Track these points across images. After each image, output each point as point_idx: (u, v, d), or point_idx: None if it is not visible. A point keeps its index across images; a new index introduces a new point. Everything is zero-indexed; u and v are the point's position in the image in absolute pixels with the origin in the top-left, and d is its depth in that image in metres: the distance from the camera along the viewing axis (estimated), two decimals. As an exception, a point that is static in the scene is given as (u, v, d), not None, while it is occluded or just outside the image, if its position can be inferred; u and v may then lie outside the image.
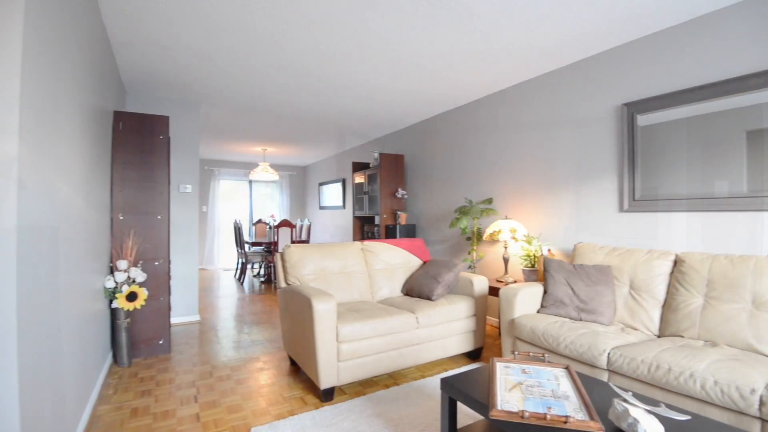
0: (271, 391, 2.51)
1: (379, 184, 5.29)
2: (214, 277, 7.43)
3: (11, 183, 1.18)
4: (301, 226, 7.24)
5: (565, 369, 1.69)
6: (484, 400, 1.48)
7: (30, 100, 1.29)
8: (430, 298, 2.96)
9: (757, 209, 2.22)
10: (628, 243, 2.83)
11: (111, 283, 2.74)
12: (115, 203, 3.03)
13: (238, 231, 6.85)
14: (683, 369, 1.72)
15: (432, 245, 4.95)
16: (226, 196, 9.06)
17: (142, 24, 2.60)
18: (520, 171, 3.73)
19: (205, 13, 2.46)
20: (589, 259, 2.74)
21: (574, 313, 2.50)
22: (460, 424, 2.03)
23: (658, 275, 2.39)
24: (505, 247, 3.54)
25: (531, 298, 2.69)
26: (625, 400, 1.31)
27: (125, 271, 2.84)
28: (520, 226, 3.40)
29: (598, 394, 1.54)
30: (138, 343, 3.09)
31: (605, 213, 3.00)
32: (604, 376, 2.04)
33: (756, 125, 2.21)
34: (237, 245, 7.02)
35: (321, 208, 8.92)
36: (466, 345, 2.98)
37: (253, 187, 9.45)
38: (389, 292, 3.27)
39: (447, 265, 3.10)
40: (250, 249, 7.14)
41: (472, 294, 3.03)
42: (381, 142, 6.30)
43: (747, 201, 2.25)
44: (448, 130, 4.71)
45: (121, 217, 3.05)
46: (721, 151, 2.35)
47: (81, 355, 2.03)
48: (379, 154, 5.29)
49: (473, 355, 3.07)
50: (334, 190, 8.24)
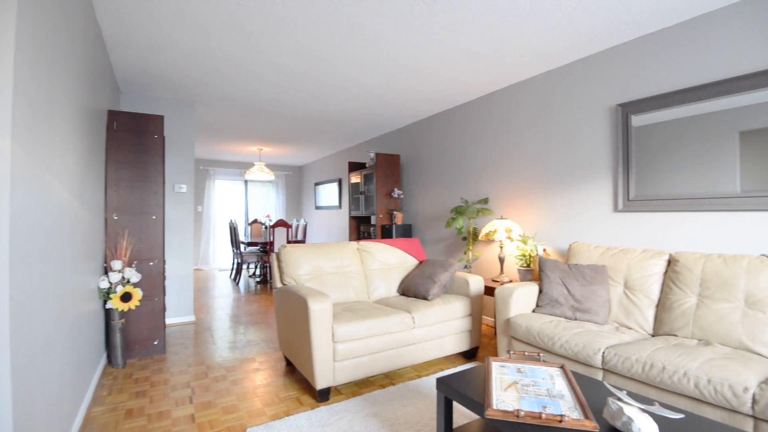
0: (267, 392, 2.50)
1: (375, 184, 5.29)
2: (209, 278, 7.40)
3: (4, 182, 1.17)
4: (297, 226, 7.22)
5: (560, 368, 1.70)
6: (479, 399, 1.48)
7: (23, 99, 1.28)
8: (426, 298, 2.96)
9: (750, 209, 2.24)
10: (623, 243, 2.85)
11: (105, 284, 2.72)
12: (110, 203, 3.01)
13: (234, 231, 6.83)
14: (677, 368, 1.74)
15: (428, 245, 4.96)
16: (222, 196, 9.02)
17: (137, 23, 2.58)
18: (515, 171, 3.74)
19: (200, 12, 2.45)
20: (584, 258, 2.76)
21: (569, 312, 2.52)
22: (456, 423, 2.04)
23: (652, 275, 2.41)
24: (501, 247, 3.55)
25: (526, 298, 2.70)
26: (619, 399, 1.32)
27: (120, 271, 2.82)
28: (515, 225, 3.42)
29: (592, 393, 1.55)
30: (132, 344, 3.07)
31: (600, 213, 3.02)
32: (599, 375, 2.06)
33: (749, 126, 2.23)
34: (232, 245, 6.99)
35: (317, 208, 8.90)
36: (461, 345, 2.98)
37: (249, 187, 9.42)
38: (385, 292, 3.27)
39: (443, 265, 3.10)
40: (245, 249, 7.11)
41: (468, 294, 3.04)
42: (377, 142, 6.30)
43: (740, 201, 2.27)
44: (444, 131, 4.72)
45: (116, 217, 3.03)
46: (714, 151, 2.37)
47: (75, 355, 2.02)
48: (375, 154, 5.29)
49: (469, 355, 3.08)
50: (330, 190, 8.23)
